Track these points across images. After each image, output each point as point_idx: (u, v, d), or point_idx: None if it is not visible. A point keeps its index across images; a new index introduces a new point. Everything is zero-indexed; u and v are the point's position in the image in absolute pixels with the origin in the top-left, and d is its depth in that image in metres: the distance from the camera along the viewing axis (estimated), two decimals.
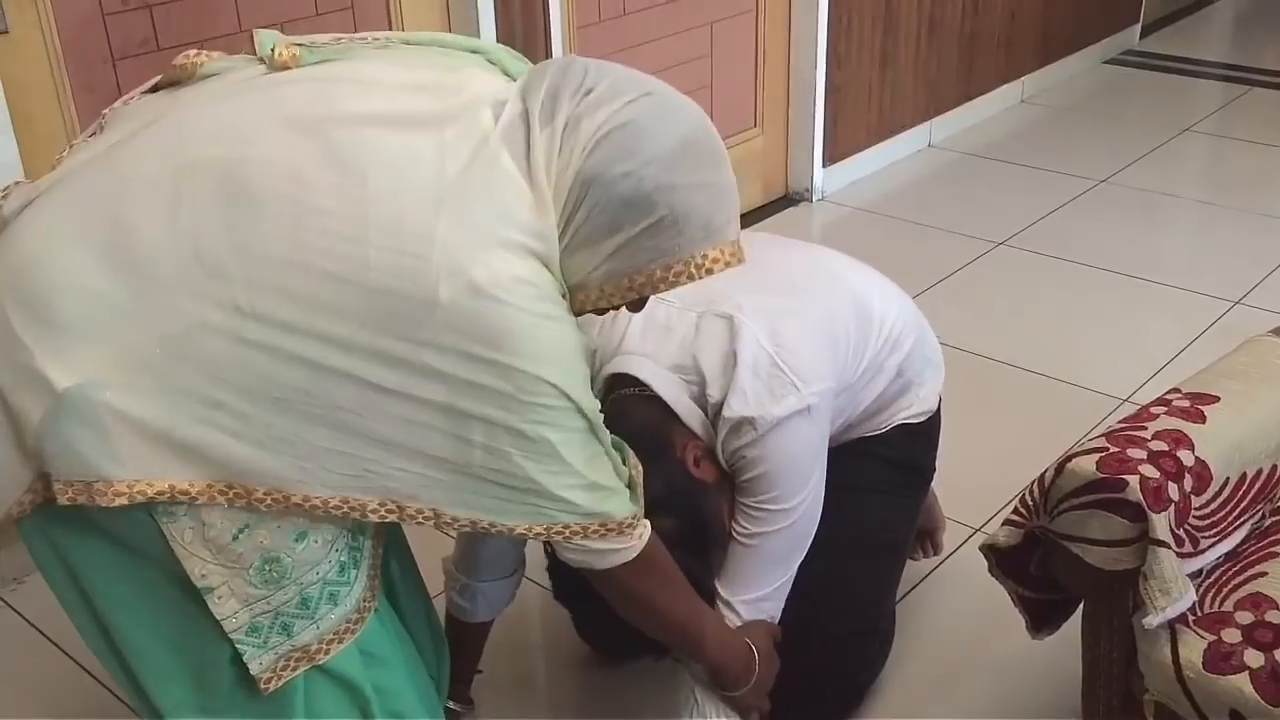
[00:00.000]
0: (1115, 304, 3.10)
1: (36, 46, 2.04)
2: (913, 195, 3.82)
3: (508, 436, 1.19)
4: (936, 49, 4.06)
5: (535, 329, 1.17)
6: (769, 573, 1.59)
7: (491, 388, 1.16)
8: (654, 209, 1.21)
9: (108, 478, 1.13)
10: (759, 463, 1.54)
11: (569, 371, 1.21)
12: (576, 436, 1.23)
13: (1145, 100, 4.62)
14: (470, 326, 1.13)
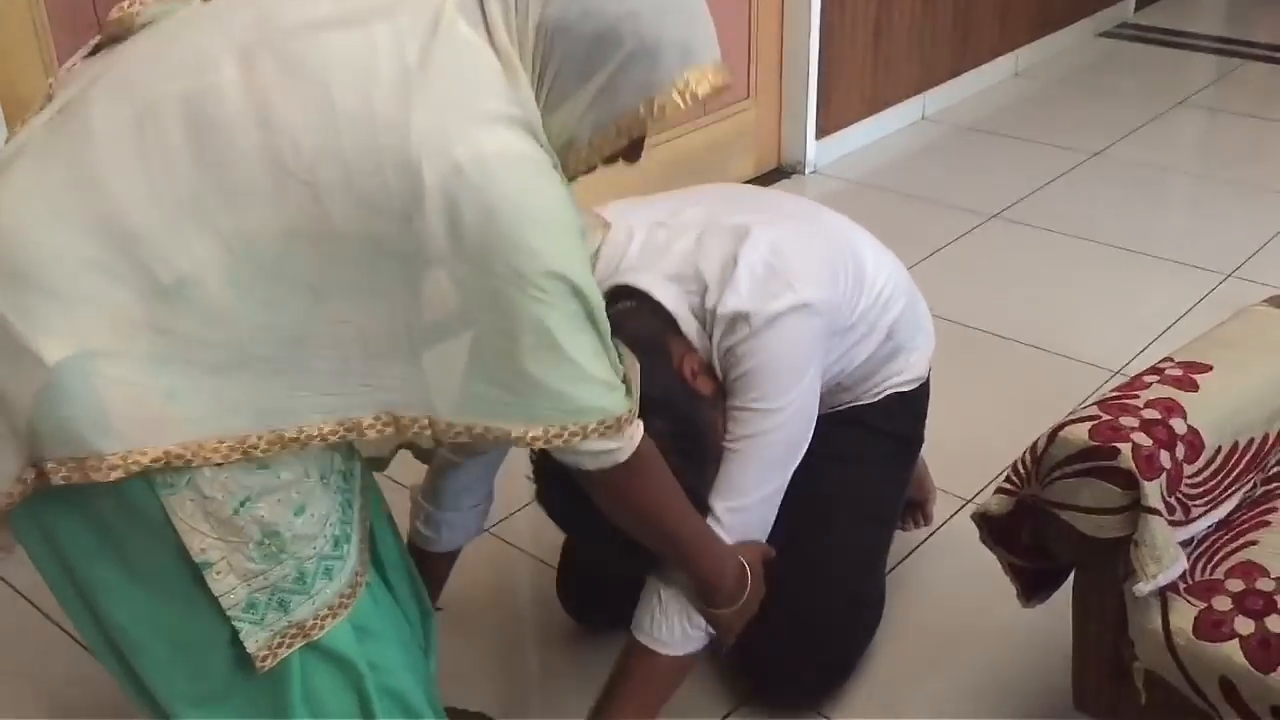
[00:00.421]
0: (1108, 276, 3.10)
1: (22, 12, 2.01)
2: (906, 168, 3.81)
3: (505, 325, 1.15)
4: (930, 21, 4.04)
5: (526, 204, 1.13)
6: (753, 480, 1.54)
7: (486, 273, 1.13)
8: (622, 41, 1.17)
9: (100, 451, 1.10)
10: (749, 357, 1.51)
11: (567, 250, 1.17)
12: (575, 322, 1.18)
13: (1139, 73, 4.61)
14: (459, 210, 1.10)
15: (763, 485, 1.55)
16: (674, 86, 1.21)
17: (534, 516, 2.22)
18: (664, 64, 1.20)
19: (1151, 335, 2.77)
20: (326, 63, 1.11)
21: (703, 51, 1.23)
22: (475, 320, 1.15)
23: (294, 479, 1.21)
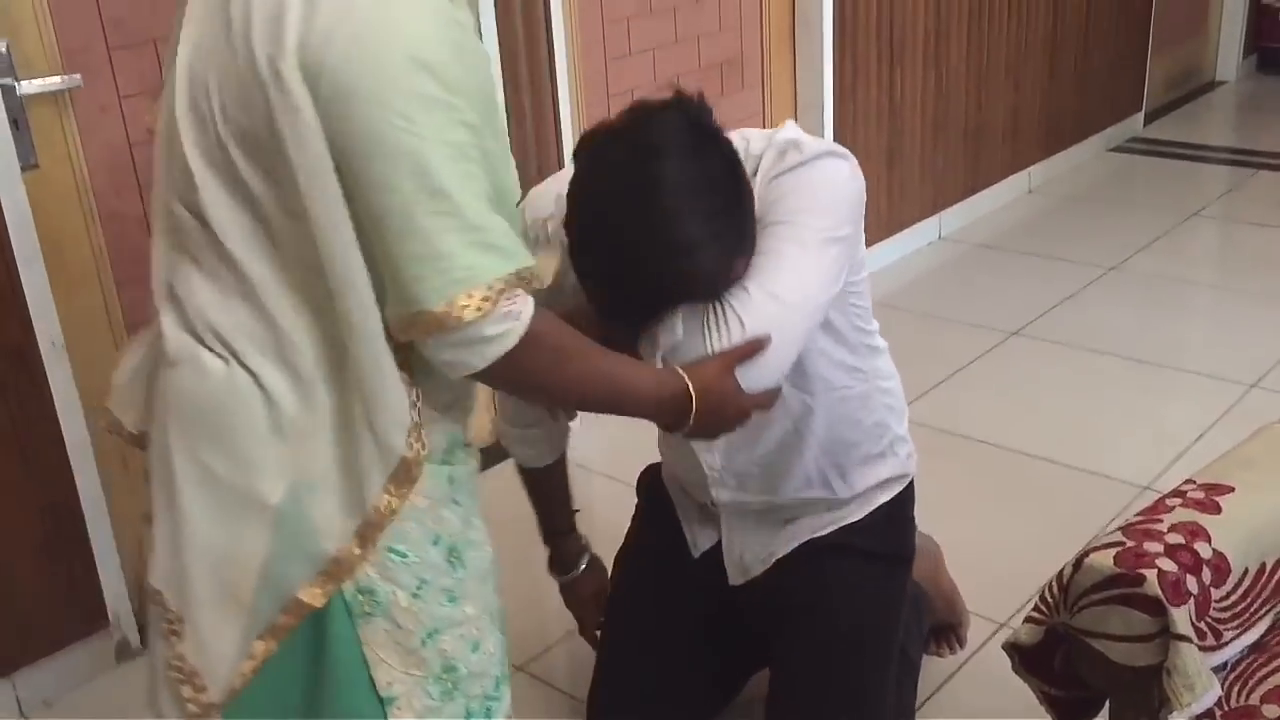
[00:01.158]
0: (1132, 391, 3.11)
1: (65, 178, 2.11)
2: (925, 288, 3.86)
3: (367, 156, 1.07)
4: (941, 144, 4.14)
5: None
6: (775, 277, 1.41)
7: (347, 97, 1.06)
8: None
9: (306, 583, 1.17)
10: (795, 180, 1.46)
11: (425, 38, 1.07)
12: (449, 133, 1.08)
13: (1152, 186, 4.68)
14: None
15: (782, 285, 1.41)
16: None
17: (567, 651, 2.22)
18: None
19: (1178, 449, 2.76)
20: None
21: None
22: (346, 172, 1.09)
23: (475, 614, 1.27)
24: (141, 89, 2.17)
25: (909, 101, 3.94)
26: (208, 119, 1.14)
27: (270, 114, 1.10)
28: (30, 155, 2.04)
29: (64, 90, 2.06)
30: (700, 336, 1.37)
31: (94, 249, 2.16)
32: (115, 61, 2.13)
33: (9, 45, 1.98)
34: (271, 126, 1.10)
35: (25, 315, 2.03)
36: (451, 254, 1.09)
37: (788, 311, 1.40)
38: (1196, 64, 5.81)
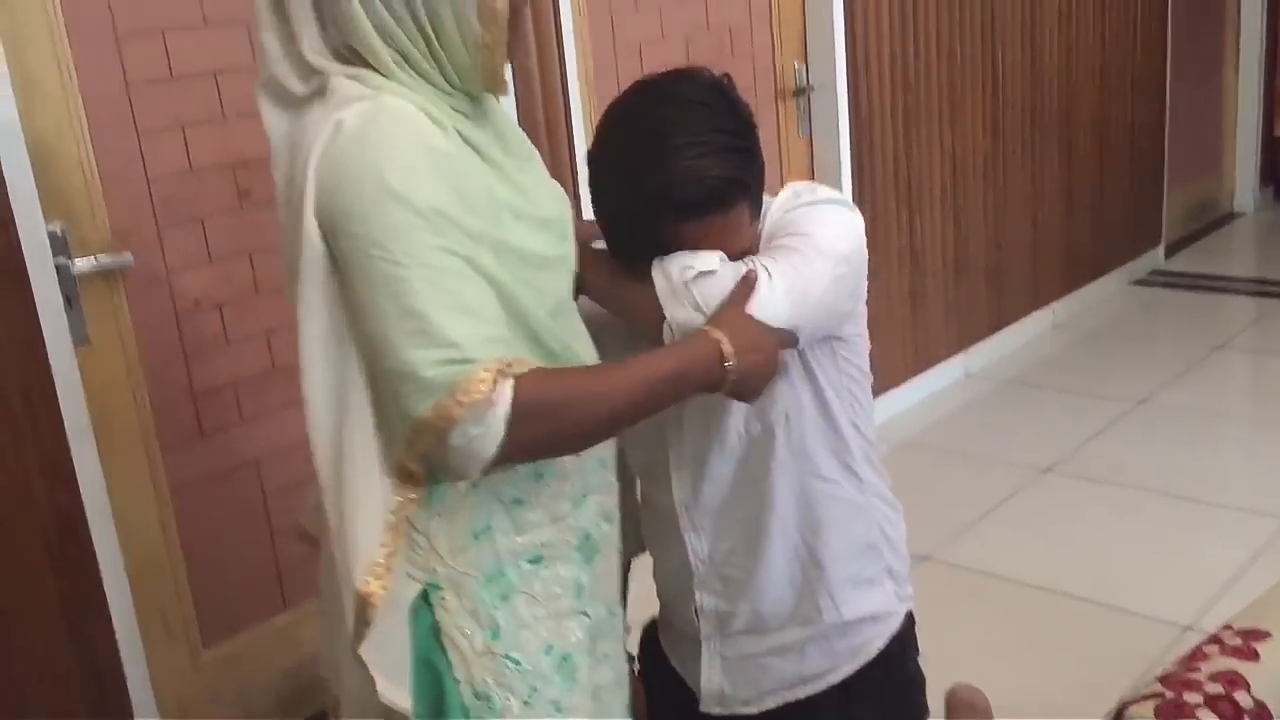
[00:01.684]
0: (1167, 527, 3.09)
1: (115, 353, 2.19)
2: (954, 426, 3.88)
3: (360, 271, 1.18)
4: (964, 284, 4.21)
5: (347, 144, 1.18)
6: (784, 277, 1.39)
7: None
8: None
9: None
10: (800, 217, 1.46)
11: (399, 169, 1.17)
12: (426, 257, 1.16)
13: (1176, 319, 4.72)
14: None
15: (798, 265, 1.41)
16: None
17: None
18: None
19: (1217, 586, 2.74)
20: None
21: None
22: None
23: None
24: (189, 264, 2.27)
25: (929, 244, 4.03)
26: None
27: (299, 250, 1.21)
28: (82, 331, 2.13)
29: (115, 268, 2.16)
30: (729, 284, 1.37)
31: (141, 419, 2.23)
32: (164, 239, 2.24)
33: (64, 228, 2.09)
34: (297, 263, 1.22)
35: (74, 486, 2.09)
36: (417, 367, 1.15)
37: (806, 271, 1.41)
38: (1213, 197, 5.91)
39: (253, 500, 2.42)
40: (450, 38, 1.24)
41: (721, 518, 1.58)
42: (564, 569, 1.36)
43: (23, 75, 2.00)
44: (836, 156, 3.62)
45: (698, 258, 1.39)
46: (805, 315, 1.42)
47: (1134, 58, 4.94)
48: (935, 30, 3.88)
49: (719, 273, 1.38)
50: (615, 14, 3.03)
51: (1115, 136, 4.89)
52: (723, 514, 1.57)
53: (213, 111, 2.27)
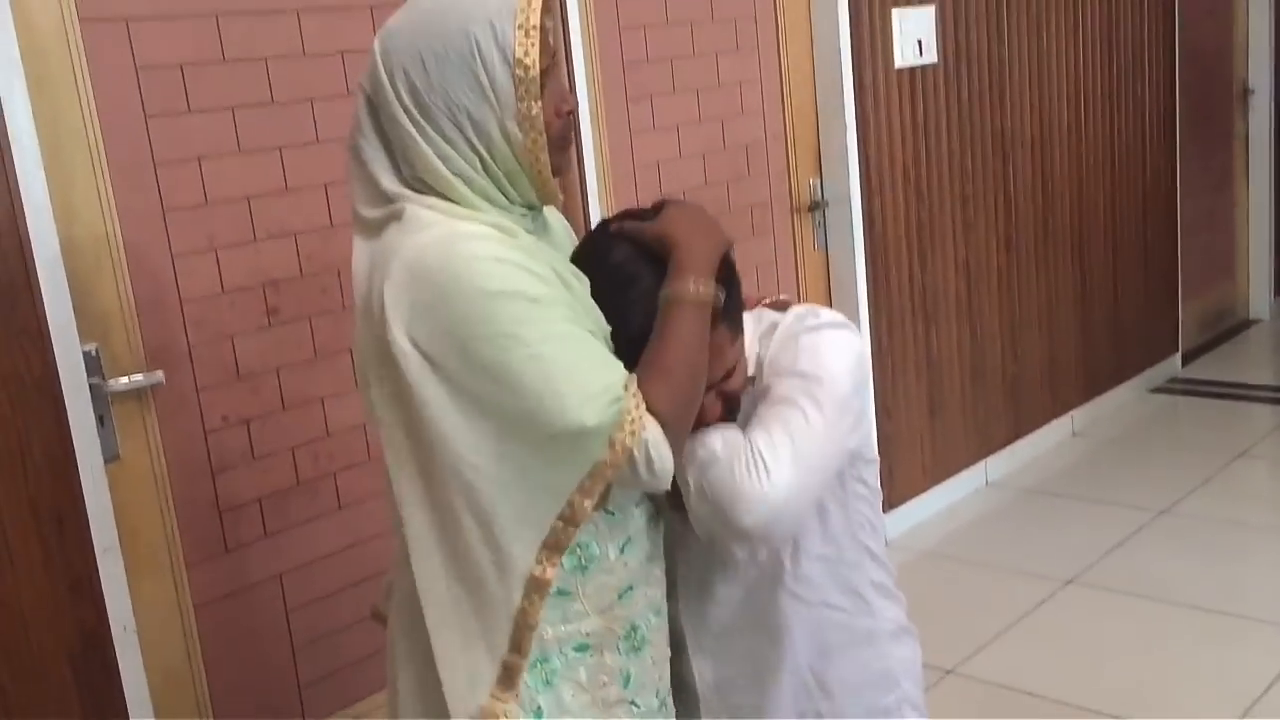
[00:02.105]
0: (1194, 640, 3.06)
1: (144, 469, 2.23)
2: (976, 536, 3.86)
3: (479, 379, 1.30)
4: (981, 393, 4.23)
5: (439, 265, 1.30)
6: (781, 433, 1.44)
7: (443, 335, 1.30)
8: (461, 53, 1.33)
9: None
10: (798, 349, 1.49)
11: (491, 273, 1.29)
12: (536, 326, 1.28)
13: (1196, 427, 4.71)
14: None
15: (799, 431, 1.44)
16: (517, 37, 1.34)
17: None
18: (499, 33, 1.34)
19: (1247, 701, 2.70)
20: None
21: (509, 4, 1.35)
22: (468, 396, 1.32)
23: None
24: (218, 381, 2.32)
25: (946, 354, 4.06)
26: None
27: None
28: (113, 448, 2.17)
29: (147, 386, 2.21)
30: (730, 469, 1.41)
31: (167, 535, 2.26)
32: (195, 357, 2.29)
33: (98, 348, 2.15)
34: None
35: (100, 602, 2.11)
36: (584, 420, 1.30)
37: (805, 447, 1.44)
38: (1229, 304, 5.94)
39: (275, 616, 2.43)
40: (500, 151, 1.36)
41: (728, 643, 1.58)
42: (611, 658, 1.42)
43: (64, 204, 2.08)
44: (852, 269, 3.68)
45: (702, 440, 1.44)
46: (815, 479, 1.45)
47: (1144, 170, 5.02)
48: (947, 146, 3.98)
49: (720, 458, 1.42)
50: (635, 134, 3.12)
51: (1128, 246, 4.95)
52: (729, 640, 1.57)
53: (244, 234, 2.34)
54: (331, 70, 2.45)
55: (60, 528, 2.07)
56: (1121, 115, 4.84)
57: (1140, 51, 4.92)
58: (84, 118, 2.11)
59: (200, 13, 2.26)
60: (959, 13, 3.97)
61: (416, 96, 1.35)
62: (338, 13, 2.46)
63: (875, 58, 3.68)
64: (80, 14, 2.10)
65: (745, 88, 3.41)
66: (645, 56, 3.12)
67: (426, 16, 1.37)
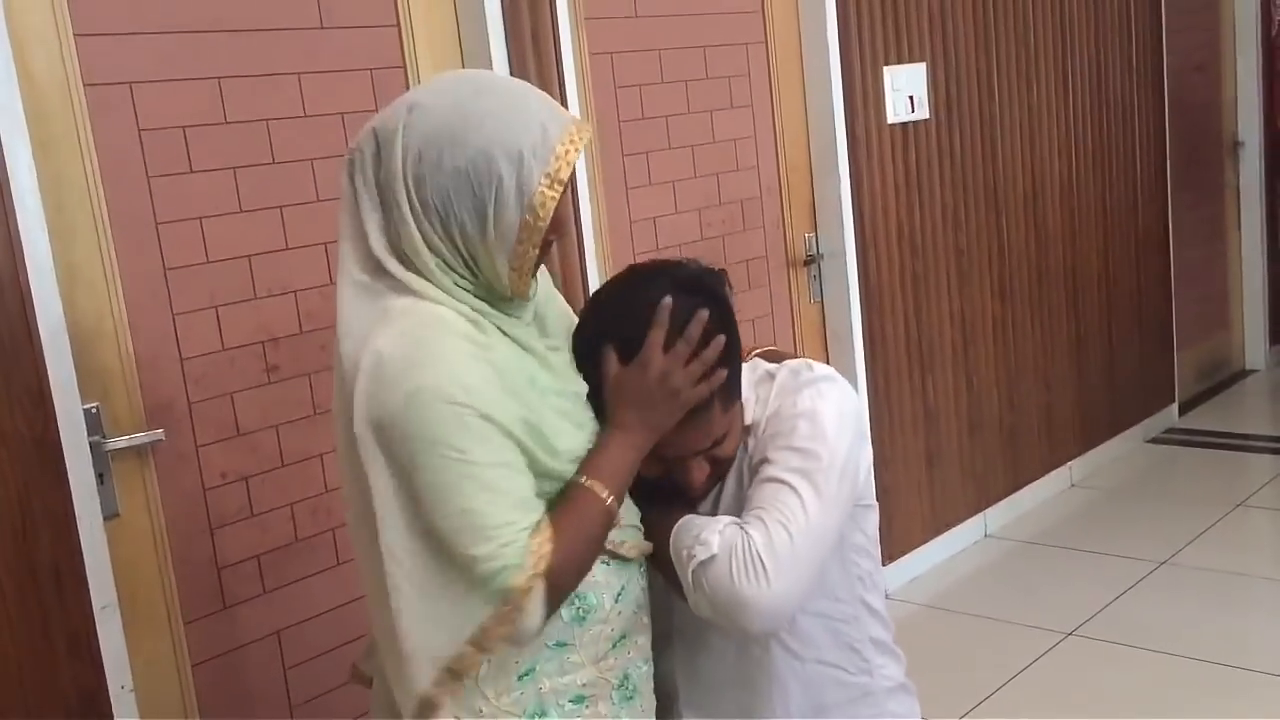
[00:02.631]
0: (1199, 693, 3.04)
1: (143, 527, 2.24)
2: (975, 588, 3.85)
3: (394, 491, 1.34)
4: (979, 444, 4.24)
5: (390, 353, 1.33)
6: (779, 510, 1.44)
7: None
8: (480, 177, 1.33)
9: None
10: (798, 419, 1.49)
11: (450, 379, 1.30)
12: (459, 437, 1.29)
13: (1194, 477, 4.71)
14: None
15: (796, 521, 1.44)
16: (545, 177, 1.33)
17: None
18: (523, 170, 1.33)
19: None
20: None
21: (546, 136, 1.34)
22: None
23: None
24: (218, 438, 2.33)
25: (943, 405, 4.08)
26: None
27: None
28: (113, 505, 2.18)
29: (147, 444, 2.22)
30: (729, 572, 1.40)
31: (166, 594, 2.26)
32: (195, 414, 2.30)
33: (99, 406, 2.16)
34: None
35: (98, 661, 2.10)
36: (476, 565, 1.35)
37: (802, 543, 1.43)
38: (1225, 355, 5.97)
39: (273, 673, 2.42)
40: (485, 266, 1.38)
41: (719, 696, 1.57)
42: (604, 707, 1.43)
43: (67, 263, 2.10)
44: (848, 321, 3.70)
45: (700, 536, 1.43)
46: (814, 569, 1.46)
47: (1137, 221, 5.07)
48: (940, 199, 4.02)
49: (718, 557, 1.41)
50: (631, 190, 3.16)
51: (1122, 297, 4.98)
52: (721, 693, 1.56)
53: (245, 292, 2.37)
54: (331, 131, 2.49)
55: (59, 585, 2.07)
56: (1113, 168, 4.90)
57: (1130, 105, 4.99)
58: (87, 178, 2.15)
59: (202, 75, 2.30)
60: (950, 69, 4.03)
61: (420, 187, 1.34)
62: (337, 75, 2.50)
63: (868, 113, 3.73)
64: (84, 78, 2.14)
65: (740, 144, 3.45)
66: (641, 114, 3.16)
67: (461, 117, 1.34)
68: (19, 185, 2.00)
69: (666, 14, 3.21)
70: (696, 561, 1.42)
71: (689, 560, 1.43)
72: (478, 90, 1.37)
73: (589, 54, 3.00)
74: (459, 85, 1.39)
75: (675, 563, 1.45)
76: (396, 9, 2.60)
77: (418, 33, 2.63)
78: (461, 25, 2.71)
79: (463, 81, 1.41)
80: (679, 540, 1.46)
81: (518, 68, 2.73)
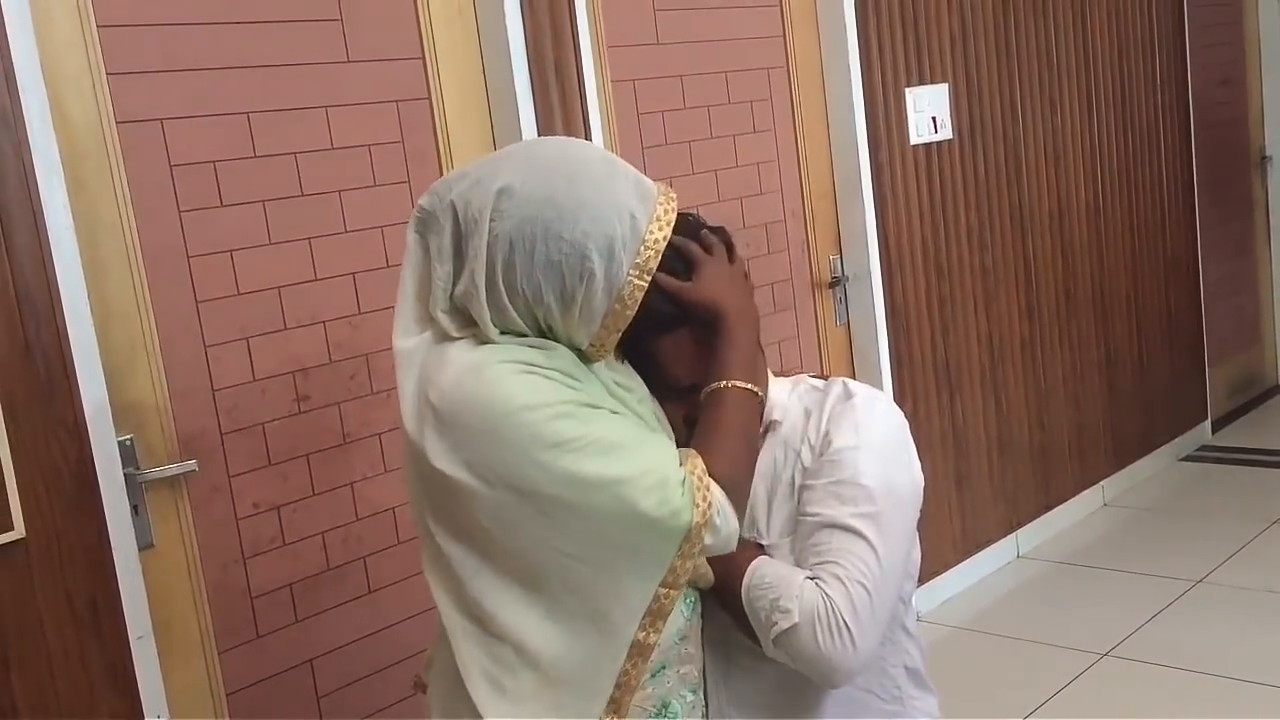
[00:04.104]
0: (1237, 712, 3.01)
1: (178, 557, 2.26)
2: (1008, 609, 3.82)
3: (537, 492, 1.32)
4: (1009, 465, 4.21)
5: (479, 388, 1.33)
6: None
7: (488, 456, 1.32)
8: (573, 270, 1.33)
9: None
10: (859, 452, 1.50)
11: (527, 389, 1.32)
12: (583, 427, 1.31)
13: (1228, 495, 4.66)
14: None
15: (870, 573, 1.45)
16: (630, 277, 1.34)
17: None
18: (617, 260, 1.34)
19: None
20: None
21: (634, 217, 1.35)
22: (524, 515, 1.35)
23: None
24: (249, 467, 2.36)
25: (971, 426, 4.06)
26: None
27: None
28: (147, 536, 2.20)
29: (180, 475, 2.25)
30: (814, 637, 1.42)
31: (200, 623, 2.28)
32: (227, 445, 2.33)
33: (133, 439, 2.19)
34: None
35: (134, 690, 2.12)
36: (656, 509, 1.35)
37: (879, 594, 1.46)
38: (1258, 371, 5.91)
39: (307, 702, 2.44)
40: (562, 335, 1.40)
41: (753, 714, 1.56)
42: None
43: (101, 298, 2.14)
44: (875, 343, 3.70)
45: (779, 604, 1.43)
46: (889, 613, 1.49)
47: (1164, 238, 5.04)
48: (965, 221, 4.01)
49: (800, 626, 1.42)
50: None
51: (1151, 316, 4.95)
52: (753, 714, 1.55)
53: (275, 323, 2.39)
54: (358, 163, 2.52)
55: (95, 616, 2.09)
56: (1139, 185, 4.88)
57: (1155, 122, 4.97)
58: (120, 215, 2.18)
59: (232, 110, 2.33)
60: (972, 89, 4.04)
61: (509, 273, 1.34)
62: (363, 108, 2.53)
63: (891, 135, 3.74)
64: (117, 117, 2.18)
65: (763, 168, 3.47)
66: (664, 140, 3.18)
67: (556, 210, 1.34)
68: (55, 223, 2.04)
69: (688, 40, 3.23)
70: (779, 630, 1.43)
71: (769, 626, 1.44)
72: (572, 179, 1.36)
73: (611, 81, 3.02)
74: (552, 173, 1.36)
75: (751, 619, 1.46)
76: (421, 41, 2.63)
77: (442, 65, 2.67)
78: (485, 56, 2.74)
79: (556, 167, 1.38)
80: (755, 599, 1.46)
81: (540, 96, 2.76)
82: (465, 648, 1.39)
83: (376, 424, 2.54)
